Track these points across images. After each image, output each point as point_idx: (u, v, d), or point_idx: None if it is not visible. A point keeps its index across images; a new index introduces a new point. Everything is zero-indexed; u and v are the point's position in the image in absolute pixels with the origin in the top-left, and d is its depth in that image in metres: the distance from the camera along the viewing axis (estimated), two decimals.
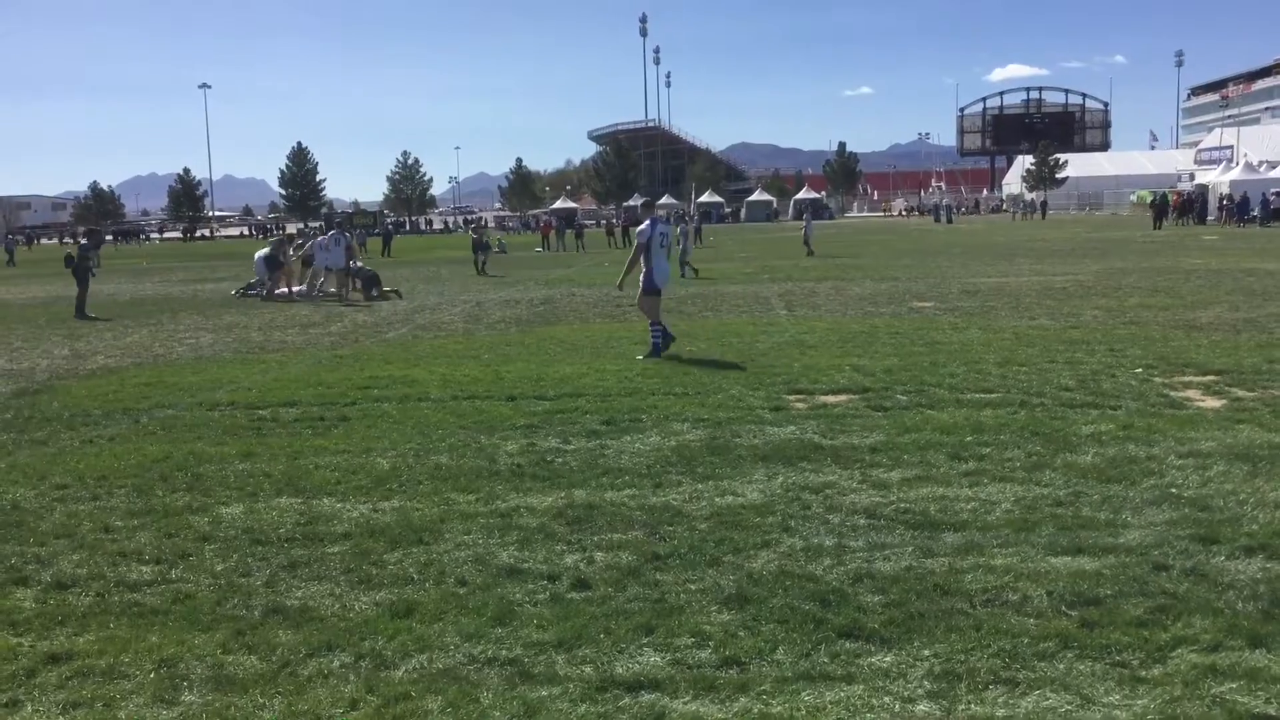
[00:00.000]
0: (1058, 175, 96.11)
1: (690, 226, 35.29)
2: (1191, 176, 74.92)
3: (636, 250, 13.24)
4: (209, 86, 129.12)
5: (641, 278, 13.19)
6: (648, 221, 13.47)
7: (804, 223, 41.33)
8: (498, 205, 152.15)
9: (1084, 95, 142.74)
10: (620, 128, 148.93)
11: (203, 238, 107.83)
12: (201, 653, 4.61)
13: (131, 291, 29.89)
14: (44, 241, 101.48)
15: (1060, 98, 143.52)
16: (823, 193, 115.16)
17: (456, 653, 4.53)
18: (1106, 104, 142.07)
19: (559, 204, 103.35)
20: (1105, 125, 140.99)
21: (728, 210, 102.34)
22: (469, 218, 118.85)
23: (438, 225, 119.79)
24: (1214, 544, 5.54)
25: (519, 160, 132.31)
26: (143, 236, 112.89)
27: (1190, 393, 9.65)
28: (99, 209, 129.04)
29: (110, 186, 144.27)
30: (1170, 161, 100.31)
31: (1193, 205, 58.02)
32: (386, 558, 5.78)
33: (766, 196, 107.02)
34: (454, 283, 28.78)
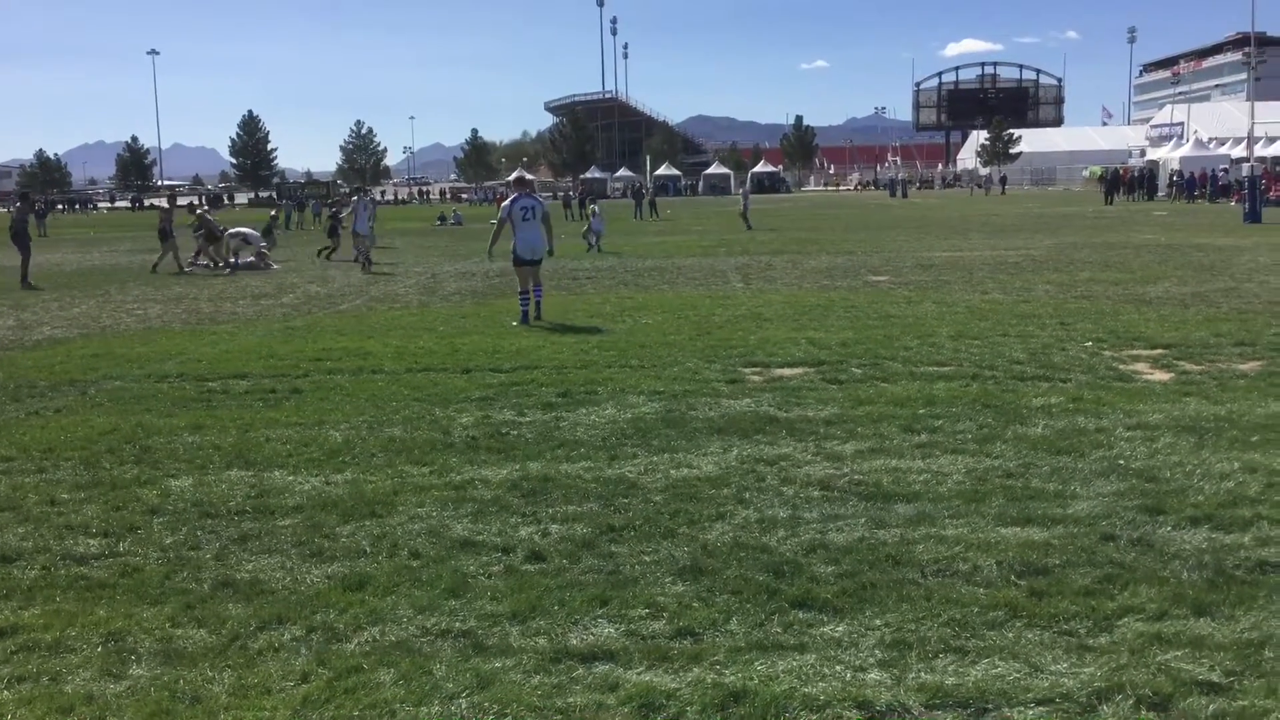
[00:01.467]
0: (1011, 151, 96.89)
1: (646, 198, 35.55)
2: (1143, 153, 75.73)
3: (500, 224, 14.48)
4: (157, 53, 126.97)
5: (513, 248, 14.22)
6: (510, 198, 14.69)
7: (741, 196, 41.22)
8: (453, 176, 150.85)
9: (1038, 71, 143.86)
10: (577, 99, 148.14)
11: (151, 207, 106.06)
12: (150, 626, 4.55)
13: (78, 262, 29.37)
14: None
15: (1015, 73, 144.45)
16: (779, 166, 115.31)
17: (409, 625, 4.51)
18: (1060, 80, 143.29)
19: (514, 175, 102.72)
20: (1059, 101, 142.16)
21: (685, 183, 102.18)
22: (423, 188, 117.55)
23: (390, 196, 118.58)
24: (1161, 514, 5.63)
25: (474, 131, 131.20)
26: (91, 206, 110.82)
27: (1139, 366, 9.79)
28: (44, 177, 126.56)
29: (57, 155, 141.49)
30: (1122, 138, 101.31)
31: (1142, 181, 58.75)
32: (339, 530, 5.74)
33: (724, 170, 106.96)
34: (408, 254, 28.52)
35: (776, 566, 5.02)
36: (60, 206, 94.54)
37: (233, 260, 24.96)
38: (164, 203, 30.23)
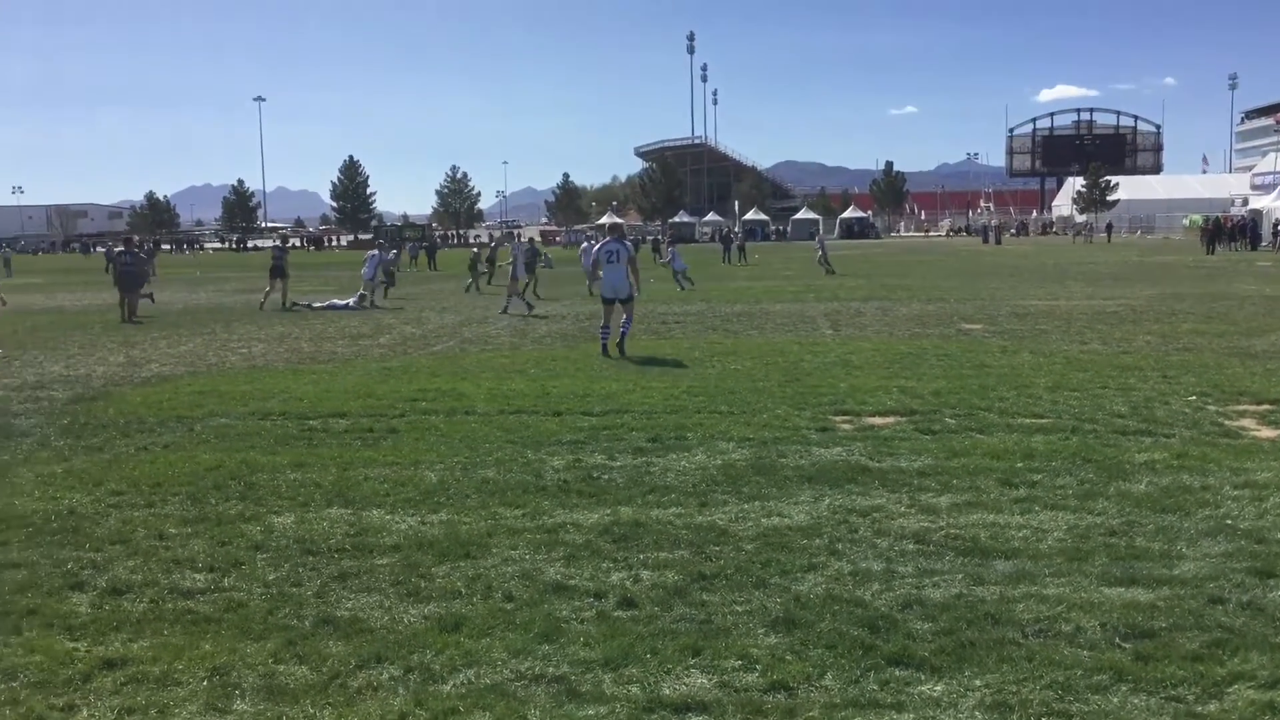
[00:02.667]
0: (1109, 198, 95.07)
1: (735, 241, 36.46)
2: (1245, 201, 73.74)
3: (593, 265, 16.54)
4: (264, 99, 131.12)
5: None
6: (600, 243, 16.96)
7: (817, 244, 41.25)
8: (544, 220, 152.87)
9: (1135, 117, 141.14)
10: (667, 144, 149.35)
11: (255, 248, 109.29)
12: (253, 662, 4.67)
13: (185, 300, 30.35)
14: (98, 250, 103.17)
15: (1111, 119, 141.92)
16: (868, 212, 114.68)
17: (504, 668, 4.55)
18: (1159, 126, 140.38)
19: (605, 219, 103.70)
20: (1157, 148, 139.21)
21: (772, 228, 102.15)
22: (514, 230, 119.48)
23: (484, 238, 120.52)
24: (1271, 577, 5.44)
25: (565, 175, 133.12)
26: (197, 246, 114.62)
27: (1245, 421, 9.50)
28: (154, 218, 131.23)
29: (166, 196, 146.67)
30: (1223, 185, 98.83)
31: (1244, 230, 57.09)
32: (434, 570, 5.82)
33: (812, 215, 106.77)
34: (500, 296, 28.94)
35: (871, 621, 4.96)
36: (167, 246, 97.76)
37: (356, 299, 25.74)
38: (278, 241, 31.39)
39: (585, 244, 27.39)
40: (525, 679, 4.46)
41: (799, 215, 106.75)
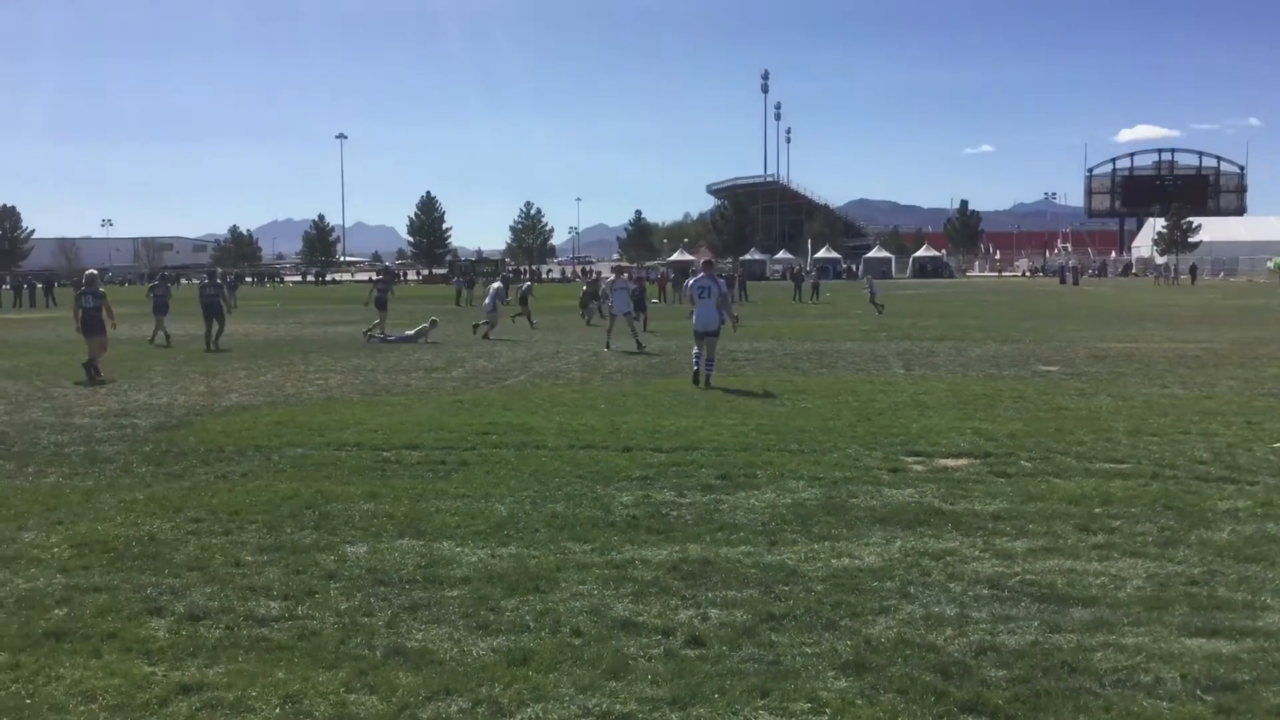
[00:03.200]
0: (1191, 239, 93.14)
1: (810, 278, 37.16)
2: None
3: (690, 299, 17.15)
4: (345, 137, 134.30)
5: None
6: (693, 278, 17.50)
7: (867, 284, 41.28)
8: (615, 256, 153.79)
9: (1218, 158, 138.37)
10: (739, 182, 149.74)
11: (333, 281, 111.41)
12: (325, 690, 4.72)
13: (265, 333, 31.01)
14: (185, 281, 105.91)
15: (1193, 160, 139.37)
16: (942, 251, 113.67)
17: (571, 704, 4.55)
18: (1242, 168, 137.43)
19: (675, 256, 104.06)
20: (1241, 189, 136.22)
21: (844, 266, 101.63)
22: (585, 268, 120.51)
23: (555, 274, 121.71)
24: None
25: (638, 212, 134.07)
26: (278, 279, 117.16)
27: None
28: (237, 251, 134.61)
29: (249, 230, 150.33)
30: None
31: None
32: (504, 604, 5.86)
33: (885, 253, 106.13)
34: (571, 331, 29.15)
35: (944, 667, 4.88)
36: (249, 279, 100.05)
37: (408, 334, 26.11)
38: (380, 275, 32.33)
39: (614, 279, 26.77)
40: (592, 715, 4.45)
41: (871, 254, 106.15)
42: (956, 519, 7.55)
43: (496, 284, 29.72)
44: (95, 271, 21.73)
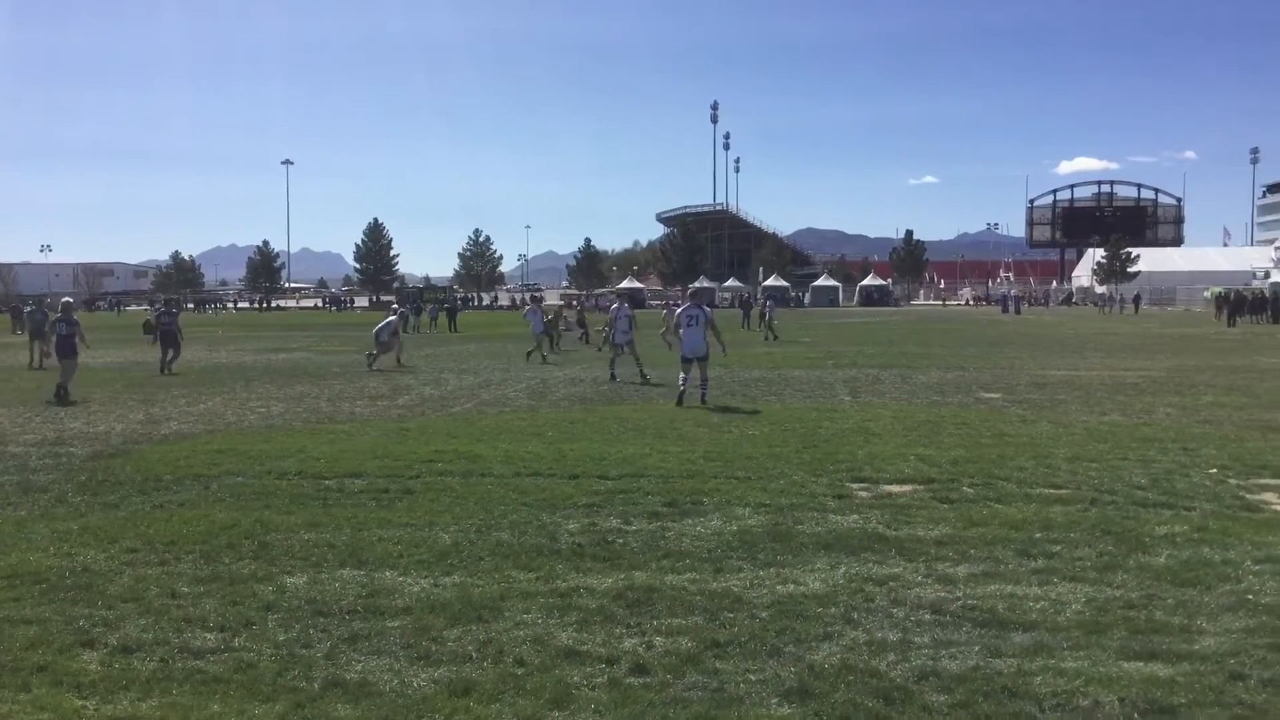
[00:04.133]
0: (1129, 269, 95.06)
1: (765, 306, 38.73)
2: (1266, 274, 73.60)
3: (673, 327, 18.39)
4: (291, 163, 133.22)
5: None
6: (682, 307, 18.07)
7: (764, 308, 42.38)
8: (565, 284, 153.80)
9: (1156, 190, 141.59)
10: (689, 210, 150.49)
11: (277, 308, 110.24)
12: None
13: (206, 359, 30.56)
14: (128, 309, 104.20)
15: (1132, 192, 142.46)
16: (888, 279, 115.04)
17: None
18: (1179, 199, 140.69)
19: (624, 284, 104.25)
20: (1178, 220, 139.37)
21: (792, 294, 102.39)
22: (534, 294, 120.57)
23: (503, 301, 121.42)
24: None
25: (587, 240, 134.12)
26: (220, 306, 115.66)
27: (1267, 495, 9.40)
28: (179, 277, 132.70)
29: (191, 256, 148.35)
30: (1244, 259, 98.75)
31: (1264, 304, 56.85)
32: (446, 634, 5.79)
33: (832, 282, 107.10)
34: (519, 359, 29.04)
35: (886, 692, 4.90)
36: (190, 305, 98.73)
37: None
38: (396, 306, 32.32)
39: (615, 308, 26.48)
40: None
41: (819, 282, 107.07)
42: (900, 545, 7.59)
43: (392, 317, 28.83)
44: (70, 300, 23.71)
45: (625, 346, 22.91)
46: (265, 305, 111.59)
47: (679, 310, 17.94)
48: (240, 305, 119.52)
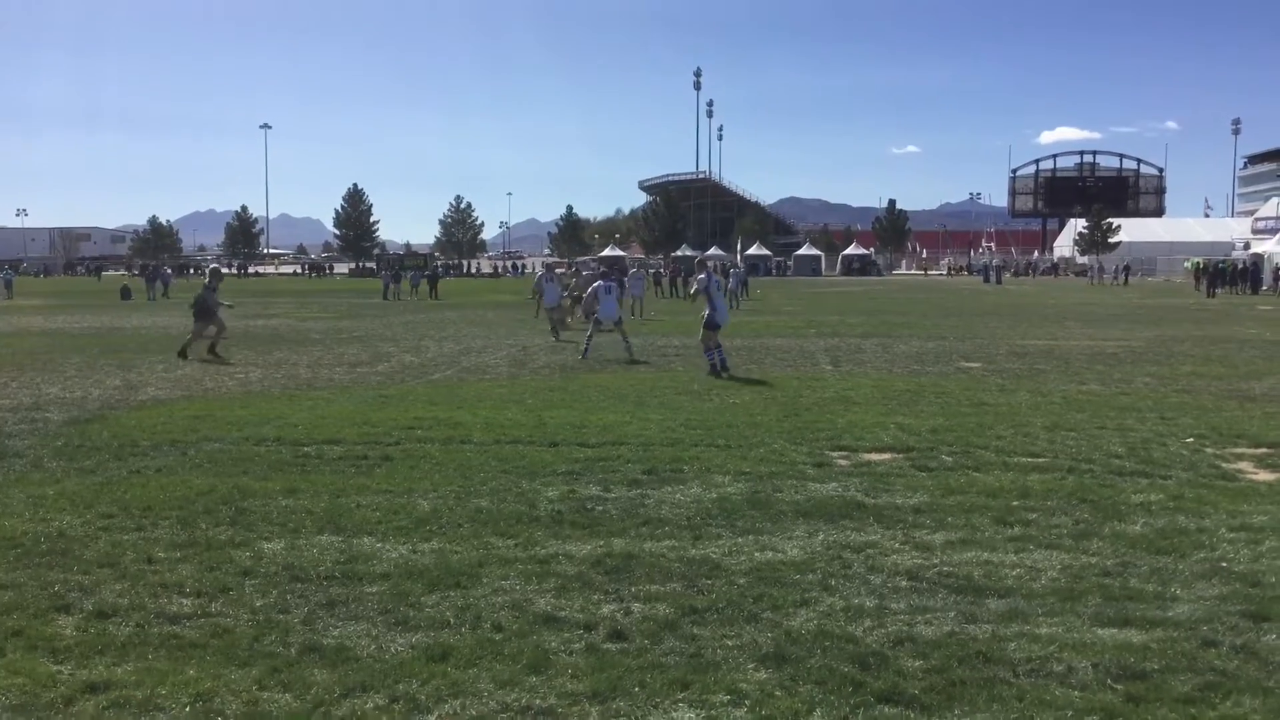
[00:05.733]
0: (1111, 240, 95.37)
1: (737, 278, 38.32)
2: (1246, 245, 73.94)
3: (698, 295, 18.16)
4: (270, 127, 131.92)
5: (705, 315, 17.14)
6: (704, 273, 18.46)
7: (736, 275, 42.60)
8: (547, 251, 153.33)
9: (1139, 161, 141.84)
10: (671, 179, 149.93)
11: (256, 274, 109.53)
12: (237, 688, 4.62)
13: (184, 325, 30.34)
14: (107, 273, 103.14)
15: (1114, 162, 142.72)
16: (871, 249, 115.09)
17: (490, 699, 4.51)
18: (1161, 170, 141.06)
19: (607, 252, 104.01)
20: (1160, 191, 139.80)
21: (774, 263, 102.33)
22: (517, 261, 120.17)
23: (486, 269, 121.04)
24: (1265, 621, 5.41)
25: (569, 208, 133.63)
26: (199, 271, 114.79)
27: (1243, 465, 9.47)
28: (157, 243, 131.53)
29: (169, 221, 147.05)
30: (1225, 229, 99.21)
31: (1245, 274, 57.19)
32: (424, 600, 5.78)
33: (815, 251, 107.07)
34: (500, 327, 28.97)
35: (862, 658, 4.92)
36: (168, 271, 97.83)
37: None
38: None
39: (541, 276, 26.62)
40: (511, 710, 4.41)
41: (801, 251, 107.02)
42: (878, 512, 7.62)
43: (542, 274, 27.68)
44: (217, 266, 24.92)
45: (553, 311, 23.69)
46: (244, 271, 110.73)
47: (707, 279, 18.05)
48: (224, 271, 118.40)
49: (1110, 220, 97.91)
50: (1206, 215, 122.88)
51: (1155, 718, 4.30)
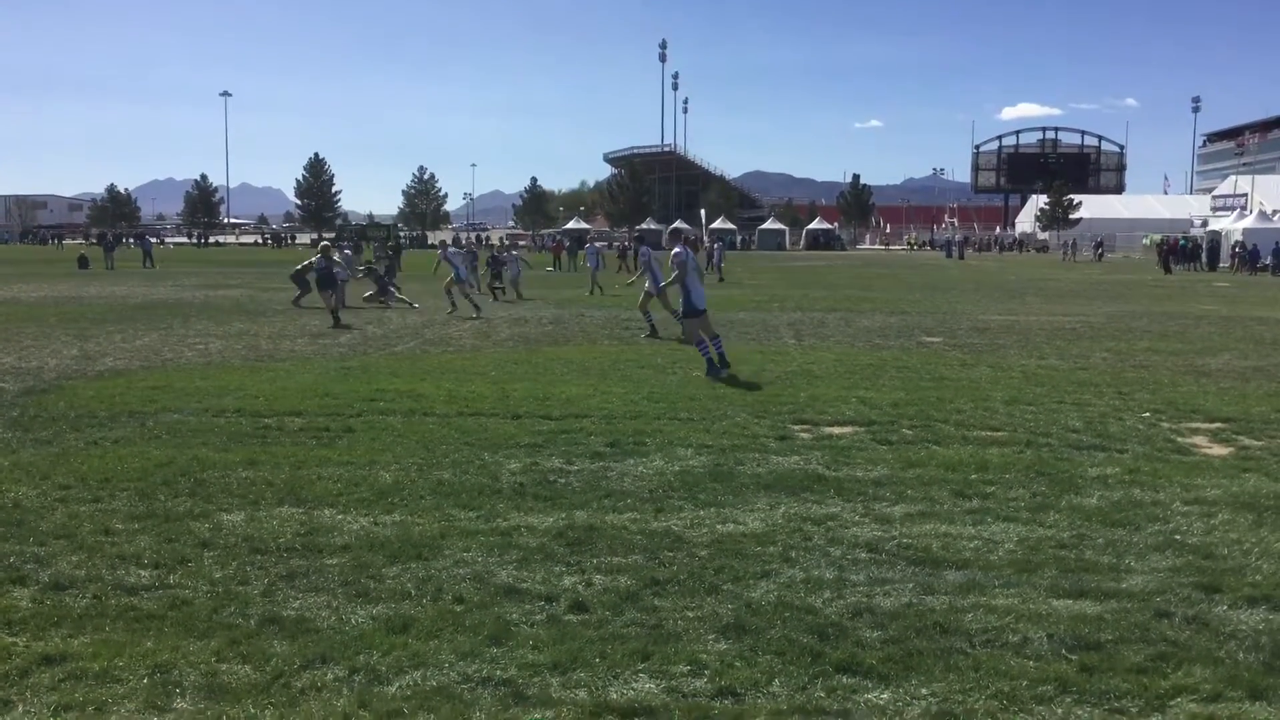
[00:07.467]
0: (1071, 216, 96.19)
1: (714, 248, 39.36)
2: (1204, 222, 74.88)
3: (676, 274, 13.95)
4: (230, 95, 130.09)
5: (682, 302, 13.98)
6: (680, 247, 14.22)
7: (713, 249, 42.90)
8: (511, 223, 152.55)
9: (1100, 137, 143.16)
10: (636, 151, 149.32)
11: (216, 244, 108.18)
12: (196, 660, 4.60)
13: (143, 295, 29.98)
14: (67, 242, 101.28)
15: (1076, 139, 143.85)
16: (834, 224, 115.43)
17: (451, 671, 4.51)
18: (1122, 147, 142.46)
19: (572, 224, 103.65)
20: (1120, 168, 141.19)
21: (739, 236, 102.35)
22: (479, 234, 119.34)
23: (449, 240, 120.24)
24: (1217, 593, 5.51)
25: (534, 179, 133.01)
26: (157, 240, 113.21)
27: (1197, 439, 9.62)
28: (115, 211, 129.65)
29: (127, 189, 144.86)
30: (1184, 206, 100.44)
31: (1200, 252, 57.93)
32: (385, 572, 5.77)
33: (779, 225, 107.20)
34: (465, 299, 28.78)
35: (821, 629, 4.97)
36: (127, 240, 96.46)
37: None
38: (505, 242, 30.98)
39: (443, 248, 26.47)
40: (472, 681, 4.42)
41: (766, 225, 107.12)
42: (839, 485, 7.68)
43: (452, 249, 27.57)
44: (328, 244, 25.13)
45: (464, 283, 23.55)
46: (203, 241, 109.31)
47: (683, 254, 14.01)
48: (176, 240, 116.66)
49: (1071, 197, 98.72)
50: (1165, 192, 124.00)
51: (1108, 687, 4.37)
